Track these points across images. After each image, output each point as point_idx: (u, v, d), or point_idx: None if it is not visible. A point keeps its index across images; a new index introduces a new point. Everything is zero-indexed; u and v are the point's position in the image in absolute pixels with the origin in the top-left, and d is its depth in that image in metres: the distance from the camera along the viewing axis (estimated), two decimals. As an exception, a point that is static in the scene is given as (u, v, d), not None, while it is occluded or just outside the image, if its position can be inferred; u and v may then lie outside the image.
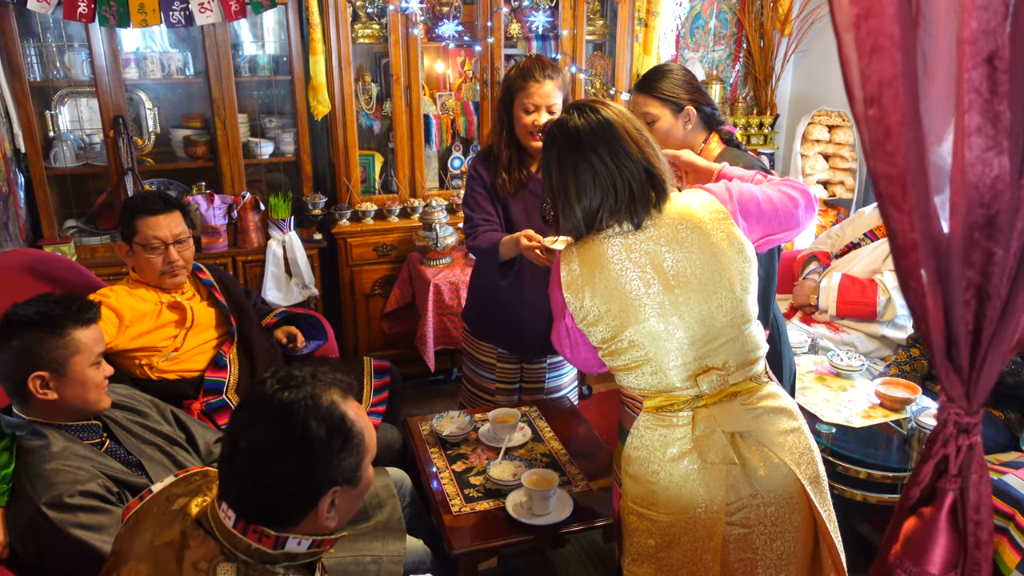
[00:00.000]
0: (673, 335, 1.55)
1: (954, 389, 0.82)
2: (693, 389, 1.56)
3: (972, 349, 0.79)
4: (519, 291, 2.49)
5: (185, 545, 1.19)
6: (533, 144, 2.39)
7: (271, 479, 1.16)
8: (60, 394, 1.68)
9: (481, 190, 2.48)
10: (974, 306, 0.77)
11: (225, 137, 3.45)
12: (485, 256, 2.45)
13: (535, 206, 2.47)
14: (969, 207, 0.72)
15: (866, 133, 0.73)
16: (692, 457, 1.53)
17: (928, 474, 0.87)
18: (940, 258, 0.76)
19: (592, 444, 2.42)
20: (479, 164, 2.51)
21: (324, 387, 1.20)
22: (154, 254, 2.37)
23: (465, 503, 2.10)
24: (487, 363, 2.69)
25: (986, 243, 0.73)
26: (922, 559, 0.85)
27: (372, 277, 3.74)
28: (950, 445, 0.84)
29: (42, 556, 1.56)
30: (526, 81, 2.33)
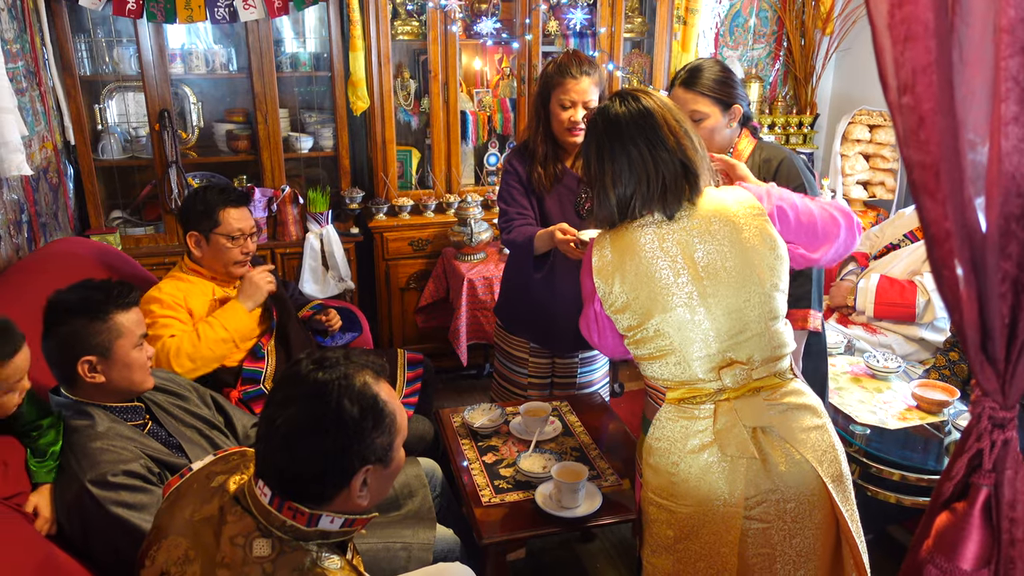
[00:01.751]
0: (699, 326, 1.55)
1: (989, 383, 0.81)
2: (716, 382, 1.57)
3: (1008, 342, 0.78)
4: (551, 285, 2.51)
5: (223, 520, 1.23)
6: (569, 139, 2.41)
7: (305, 456, 1.19)
8: (107, 377, 1.73)
9: (516, 184, 2.50)
10: (1011, 299, 0.76)
11: (266, 131, 3.52)
12: (520, 250, 2.47)
13: (569, 200, 2.48)
14: (1006, 197, 0.72)
15: (900, 121, 0.73)
16: (712, 450, 1.54)
17: (962, 469, 0.86)
18: (975, 249, 0.75)
19: (622, 440, 2.42)
20: (515, 159, 2.53)
21: (357, 368, 1.23)
22: (234, 244, 2.45)
23: (495, 494, 2.12)
24: (520, 358, 2.71)
25: (1022, 234, 0.73)
26: (954, 555, 0.84)
27: (407, 271, 3.77)
28: (984, 440, 0.83)
29: (86, 532, 1.61)
30: (563, 77, 2.34)
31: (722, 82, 2.07)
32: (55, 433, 1.66)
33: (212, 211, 2.43)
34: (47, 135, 3.08)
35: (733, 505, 1.52)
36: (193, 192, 2.53)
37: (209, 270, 2.49)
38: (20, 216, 2.69)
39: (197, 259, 2.48)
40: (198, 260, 2.48)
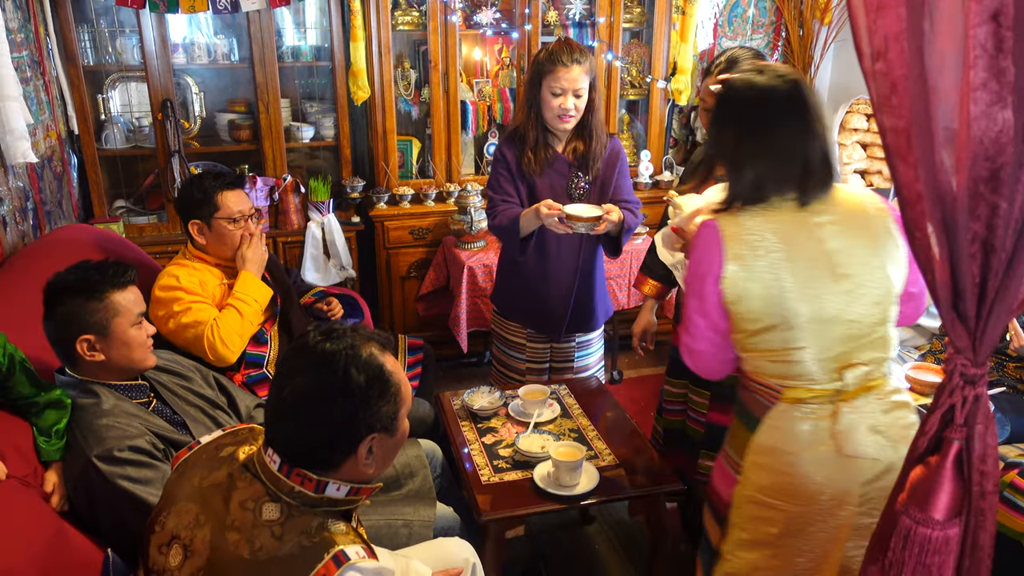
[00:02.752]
0: (829, 326, 1.46)
1: (960, 340, 0.85)
2: (837, 383, 1.48)
3: (978, 301, 0.82)
4: (544, 268, 2.56)
5: (232, 487, 1.27)
6: (559, 126, 2.45)
7: (314, 424, 1.23)
8: (107, 355, 1.77)
9: (505, 172, 2.54)
10: (980, 259, 0.79)
11: (268, 121, 3.55)
12: (505, 233, 2.51)
13: (561, 185, 2.53)
14: (974, 161, 0.75)
15: (873, 88, 0.76)
16: (829, 449, 1.47)
17: (935, 424, 0.89)
18: (946, 211, 0.78)
19: (620, 422, 2.46)
20: (504, 145, 2.56)
21: (363, 340, 1.27)
22: (236, 227, 2.46)
23: (494, 473, 2.16)
24: (517, 343, 2.75)
25: (991, 196, 0.76)
26: (927, 505, 0.88)
27: (408, 260, 3.81)
28: (956, 395, 0.86)
29: (93, 506, 1.65)
30: (554, 65, 2.37)
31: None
32: (55, 414, 1.69)
33: (210, 197, 2.44)
34: (51, 124, 3.12)
35: (849, 504, 1.49)
36: (188, 182, 2.53)
37: (215, 257, 2.51)
38: (25, 204, 2.72)
39: (202, 247, 2.49)
40: (203, 248, 2.50)
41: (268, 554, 1.18)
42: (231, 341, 2.33)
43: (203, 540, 1.23)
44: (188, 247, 2.53)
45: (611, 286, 3.64)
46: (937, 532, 0.88)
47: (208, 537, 1.23)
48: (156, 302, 2.34)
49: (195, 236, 2.48)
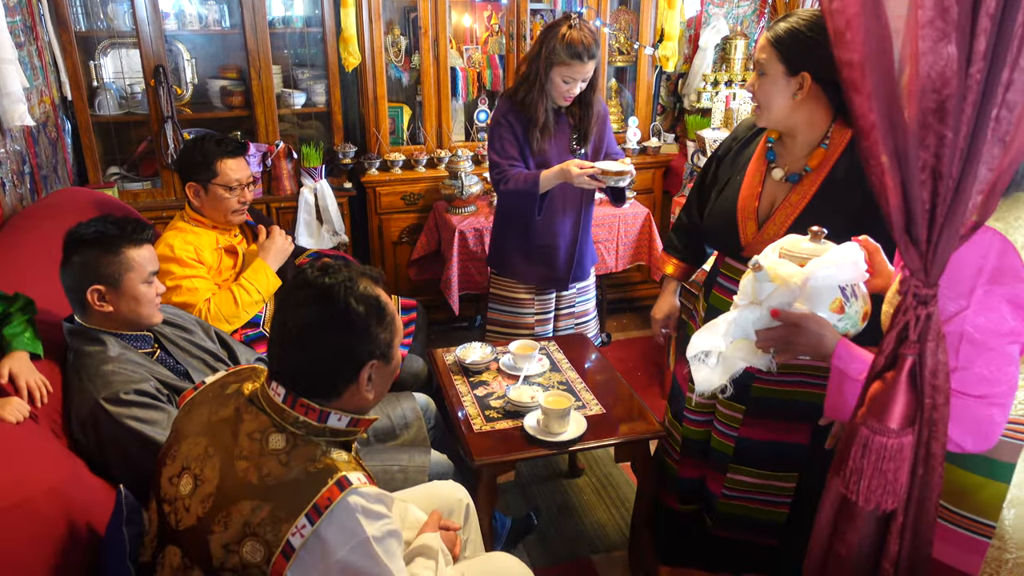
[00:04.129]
0: None
1: (913, 263, 0.93)
2: None
3: (929, 225, 0.89)
4: (551, 224, 2.74)
5: (239, 420, 1.35)
6: (562, 103, 2.64)
7: (318, 353, 1.31)
8: (115, 307, 1.84)
9: (509, 136, 2.65)
10: (930, 185, 0.87)
11: (260, 87, 3.58)
12: (520, 196, 2.63)
13: (565, 143, 2.71)
14: (923, 94, 0.82)
15: (831, 25, 0.83)
16: None
17: (891, 342, 0.97)
18: (898, 140, 0.86)
19: (607, 375, 2.55)
20: (507, 112, 2.65)
21: (358, 274, 1.34)
22: (232, 195, 2.53)
23: (486, 423, 2.25)
24: (523, 299, 2.88)
25: (938, 127, 0.83)
26: (884, 416, 0.96)
27: (400, 225, 3.87)
28: (910, 314, 0.94)
29: (101, 445, 1.72)
30: (571, 59, 2.50)
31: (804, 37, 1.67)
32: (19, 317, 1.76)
33: (210, 162, 2.50)
34: (45, 90, 3.15)
35: None
36: (191, 143, 2.59)
37: (210, 219, 2.57)
38: (22, 167, 2.77)
39: (197, 208, 2.56)
40: (198, 209, 2.56)
41: (276, 479, 1.26)
42: (218, 325, 2.38)
43: (213, 469, 1.31)
44: (186, 208, 2.59)
45: (599, 249, 3.71)
46: (892, 440, 0.96)
47: (218, 466, 1.31)
48: None
49: (191, 198, 2.54)
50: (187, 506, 1.32)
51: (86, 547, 1.50)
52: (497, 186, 2.69)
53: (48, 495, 1.45)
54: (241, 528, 1.24)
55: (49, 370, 1.79)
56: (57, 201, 2.67)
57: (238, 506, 1.25)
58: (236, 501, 1.26)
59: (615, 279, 4.14)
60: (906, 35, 0.81)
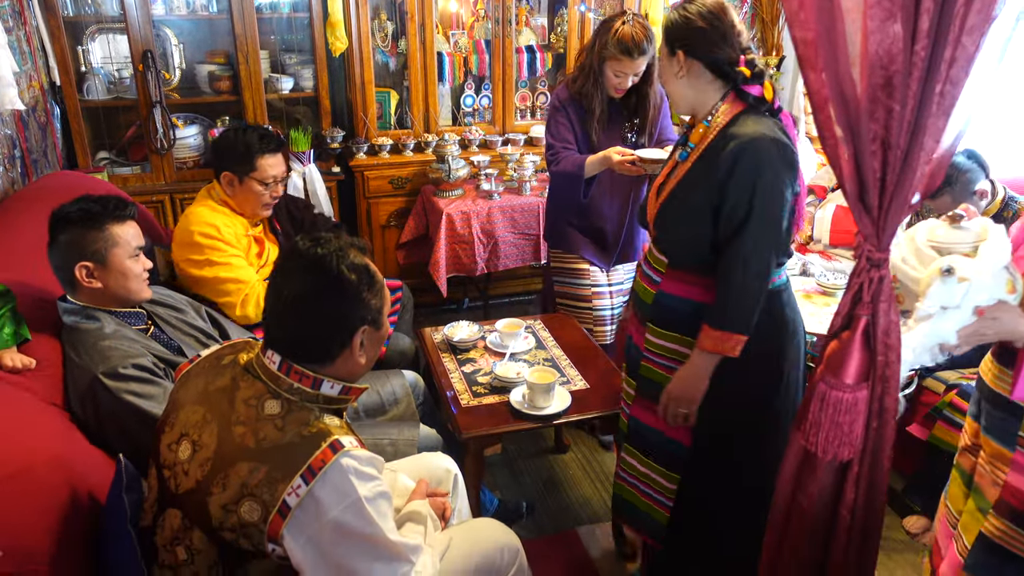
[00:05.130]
0: None
1: (866, 228, 0.99)
2: None
3: (880, 193, 0.96)
4: (599, 207, 2.86)
5: (236, 387, 1.41)
6: (615, 95, 2.70)
7: (313, 320, 1.37)
8: (104, 283, 1.89)
9: (564, 120, 2.76)
10: (880, 156, 0.93)
11: (247, 72, 3.62)
12: (568, 179, 2.76)
13: (617, 132, 2.79)
14: (872, 70, 0.89)
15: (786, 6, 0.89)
16: None
17: (847, 304, 1.04)
18: (850, 114, 0.92)
19: (591, 352, 2.62)
20: (569, 106, 2.75)
21: (347, 244, 1.40)
22: (267, 190, 2.54)
23: (473, 398, 2.31)
24: (580, 270, 2.96)
25: (887, 101, 0.90)
26: (840, 372, 1.03)
27: (388, 209, 3.92)
28: (863, 277, 1.01)
29: (100, 420, 1.77)
30: (623, 55, 2.55)
31: (678, 18, 1.75)
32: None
33: (251, 157, 2.49)
34: (34, 75, 3.17)
35: None
36: (232, 132, 2.55)
37: (238, 208, 2.58)
38: (13, 151, 2.80)
39: (228, 196, 2.56)
40: (229, 197, 2.56)
41: (271, 443, 1.33)
42: (260, 310, 2.43)
43: (211, 435, 1.37)
44: (215, 188, 2.56)
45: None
46: (848, 394, 1.03)
47: (216, 431, 1.37)
48: (192, 245, 2.44)
49: (224, 186, 2.53)
50: (186, 470, 1.38)
51: (87, 514, 1.56)
52: (549, 167, 2.82)
53: (49, 464, 1.51)
54: (239, 489, 1.30)
55: (49, 348, 1.84)
56: (48, 185, 2.71)
57: (236, 468, 1.31)
58: (234, 463, 1.32)
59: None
60: (855, 14, 0.88)
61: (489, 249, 3.66)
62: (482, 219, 3.60)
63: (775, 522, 1.18)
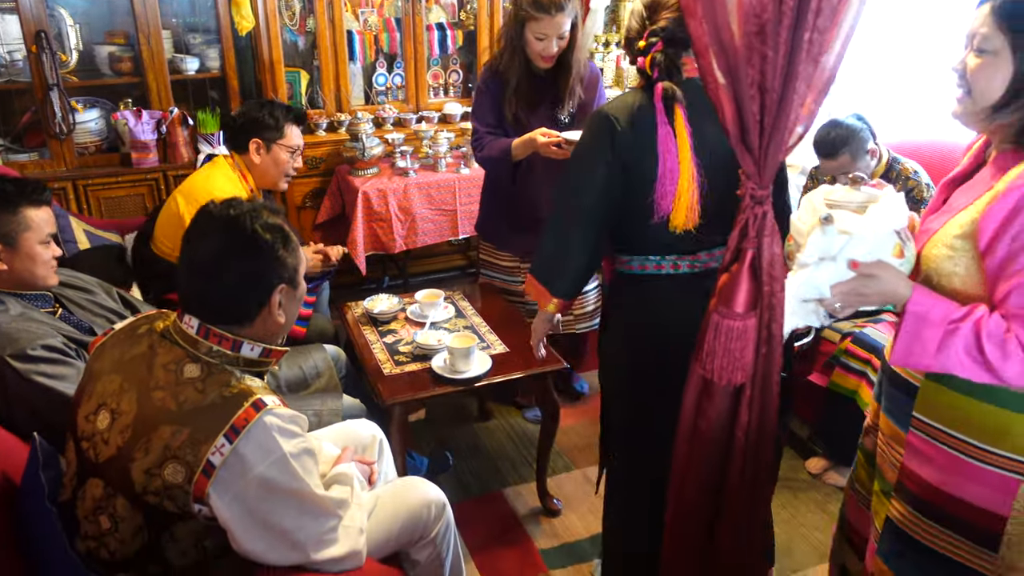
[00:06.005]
0: None
1: (749, 168, 1.08)
2: None
3: (760, 134, 1.05)
4: (535, 193, 2.67)
5: (153, 354, 1.41)
6: (542, 65, 2.54)
7: (229, 279, 1.38)
8: (10, 265, 1.84)
9: (489, 103, 2.64)
10: (758, 99, 1.02)
11: (150, 53, 3.52)
12: (495, 164, 2.63)
13: (547, 113, 2.63)
14: (746, 18, 0.97)
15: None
16: None
17: (735, 239, 1.13)
18: (729, 60, 1.00)
19: (511, 317, 2.69)
20: (491, 82, 2.64)
21: (259, 206, 1.42)
22: (291, 158, 2.64)
23: (396, 366, 2.35)
24: (511, 267, 2.88)
25: (761, 47, 0.98)
26: (730, 303, 1.12)
27: (302, 190, 3.88)
28: (748, 213, 1.10)
29: (8, 403, 1.73)
30: (539, 13, 2.42)
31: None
32: None
33: (280, 125, 2.60)
34: (-83, 56, 3.01)
35: None
36: (259, 104, 2.65)
37: (258, 179, 2.63)
38: (-102, 136, 2.66)
39: (252, 165, 2.61)
40: (251, 166, 2.61)
41: (193, 405, 1.34)
42: None
43: (130, 402, 1.37)
44: (232, 158, 2.62)
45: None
46: (738, 323, 1.12)
47: (135, 398, 1.37)
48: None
49: (252, 153, 2.59)
50: (106, 439, 1.37)
51: (2, 496, 1.53)
52: (474, 153, 2.70)
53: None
54: (162, 452, 1.31)
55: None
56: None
57: (158, 432, 1.32)
58: (156, 427, 1.32)
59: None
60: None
61: (407, 226, 3.68)
62: (399, 196, 3.62)
63: (679, 449, 1.27)
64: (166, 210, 2.60)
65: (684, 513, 1.28)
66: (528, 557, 2.41)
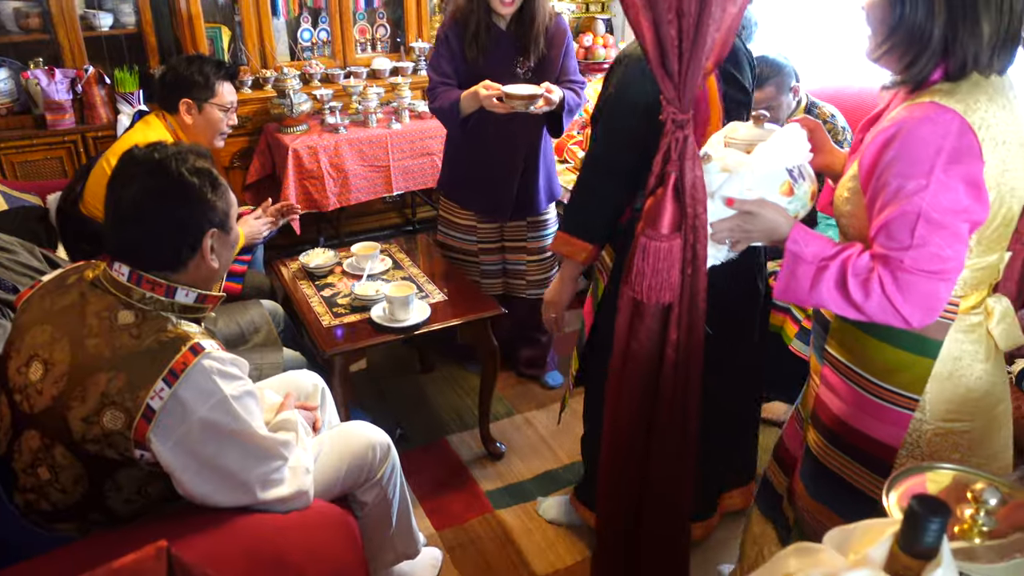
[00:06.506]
0: (1018, 211, 1.25)
1: (669, 93, 1.12)
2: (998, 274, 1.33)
3: (679, 59, 1.09)
4: (489, 151, 2.61)
5: (85, 302, 1.38)
6: (502, 10, 2.43)
7: (157, 225, 1.36)
8: None
9: (446, 53, 2.54)
10: (676, 23, 1.05)
11: (59, 8, 3.36)
12: (444, 116, 2.55)
13: (506, 66, 2.52)
14: (663, -55, 1.00)
15: None
16: (996, 350, 1.34)
17: (659, 164, 1.18)
18: (648, -15, 1.04)
19: (447, 268, 2.72)
20: (449, 31, 2.54)
21: (185, 149, 1.40)
22: (225, 115, 2.58)
23: (335, 318, 2.35)
24: (467, 225, 2.80)
25: (676, -30, 1.02)
26: (656, 224, 1.17)
27: (230, 149, 3.79)
28: (669, 137, 1.15)
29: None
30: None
31: None
32: None
33: (211, 83, 2.52)
34: None
35: (1006, 399, 1.39)
36: (187, 61, 2.56)
37: (192, 140, 2.51)
38: None
39: (184, 125, 2.53)
40: (184, 127, 2.54)
41: (128, 350, 1.32)
42: None
43: (63, 351, 1.35)
44: (166, 117, 2.54)
45: (435, 161, 3.83)
46: (664, 244, 1.17)
47: (68, 347, 1.35)
48: None
49: (183, 114, 2.52)
50: (39, 390, 1.35)
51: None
52: (429, 103, 2.61)
53: None
54: (99, 399, 1.30)
55: None
56: None
57: (94, 379, 1.31)
58: (91, 375, 1.31)
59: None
60: None
61: (339, 183, 3.64)
62: (330, 153, 3.57)
63: (615, 368, 1.32)
64: (98, 170, 2.50)
65: (620, 429, 1.34)
66: (474, 499, 2.47)
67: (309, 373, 2.08)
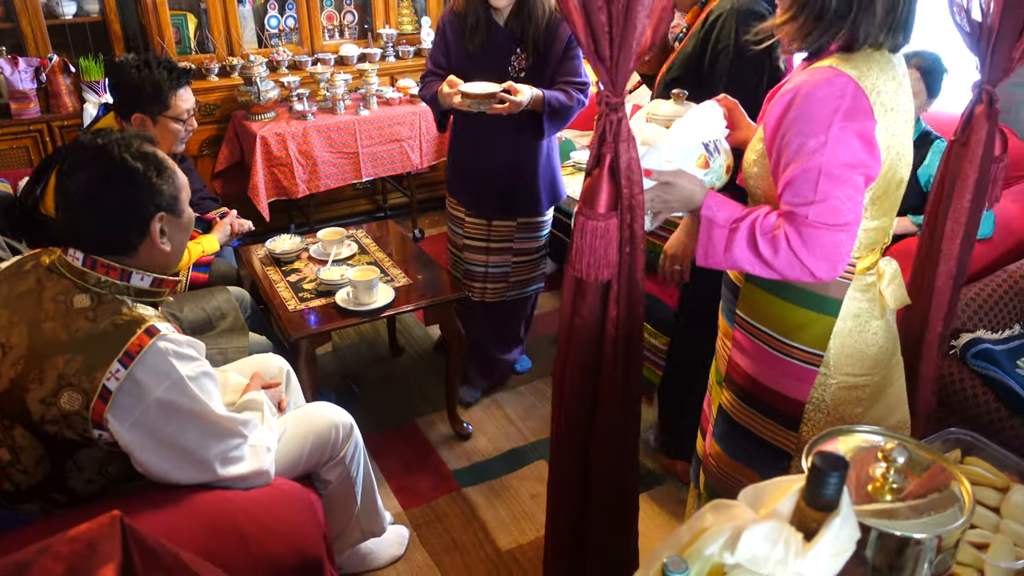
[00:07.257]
0: (905, 178, 1.37)
1: (603, 78, 1.17)
2: (888, 237, 1.44)
3: (610, 45, 1.13)
4: (473, 147, 2.59)
5: (41, 287, 1.41)
6: (498, 4, 2.37)
7: (104, 209, 1.39)
8: None
9: (441, 44, 2.53)
10: (606, 9, 1.09)
11: (21, -4, 3.34)
12: (429, 105, 2.53)
13: (501, 63, 2.46)
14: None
15: None
16: (887, 308, 1.45)
17: (595, 145, 1.23)
18: (575, -31, 1.08)
19: (413, 252, 2.75)
20: (448, 22, 2.51)
21: (131, 135, 1.43)
22: (182, 126, 2.42)
23: (300, 303, 2.39)
24: (457, 217, 2.74)
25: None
26: (593, 204, 1.21)
27: (198, 138, 3.79)
28: (604, 120, 1.19)
29: None
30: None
31: None
32: None
33: (163, 95, 2.33)
34: None
35: (898, 353, 1.51)
36: (135, 70, 2.31)
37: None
38: None
39: None
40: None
41: (85, 333, 1.36)
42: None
43: (20, 335, 1.37)
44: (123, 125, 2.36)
45: (403, 148, 3.86)
46: (601, 223, 1.22)
47: (25, 331, 1.37)
48: None
49: (137, 127, 2.34)
50: (-2, 373, 1.38)
51: None
52: (419, 91, 2.59)
53: None
54: (56, 381, 1.33)
55: None
56: None
57: (51, 361, 1.34)
58: (48, 357, 1.34)
59: (421, 178, 4.31)
60: None
61: (308, 170, 3.66)
62: (298, 140, 3.59)
63: (561, 344, 1.37)
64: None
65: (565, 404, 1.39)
66: (441, 479, 2.52)
67: (275, 357, 2.11)
